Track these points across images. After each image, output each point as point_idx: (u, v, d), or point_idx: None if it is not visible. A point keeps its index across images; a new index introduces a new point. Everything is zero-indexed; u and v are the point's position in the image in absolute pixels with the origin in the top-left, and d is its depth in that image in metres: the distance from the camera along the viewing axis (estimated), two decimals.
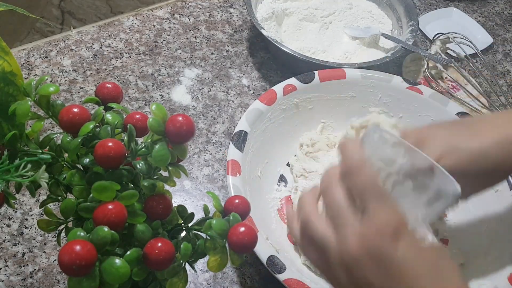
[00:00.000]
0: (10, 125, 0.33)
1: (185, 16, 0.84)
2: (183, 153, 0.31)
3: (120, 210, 0.29)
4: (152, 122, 0.30)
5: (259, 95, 0.69)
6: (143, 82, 0.73)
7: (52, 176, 0.34)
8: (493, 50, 0.89)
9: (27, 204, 0.58)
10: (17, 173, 0.30)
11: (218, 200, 0.34)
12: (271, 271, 0.48)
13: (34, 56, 0.73)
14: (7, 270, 0.53)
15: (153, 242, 0.30)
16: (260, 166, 0.60)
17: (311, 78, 0.65)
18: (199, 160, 0.66)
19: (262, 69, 0.78)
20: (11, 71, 0.34)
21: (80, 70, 0.73)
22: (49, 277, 0.53)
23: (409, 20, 0.80)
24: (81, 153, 0.32)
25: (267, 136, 0.62)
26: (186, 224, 0.35)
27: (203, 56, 0.78)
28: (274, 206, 0.60)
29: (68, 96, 0.69)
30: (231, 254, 0.33)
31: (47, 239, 0.56)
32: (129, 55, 0.76)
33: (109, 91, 0.36)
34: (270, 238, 0.52)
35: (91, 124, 0.31)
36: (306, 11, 0.82)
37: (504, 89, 0.81)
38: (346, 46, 0.80)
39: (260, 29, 0.72)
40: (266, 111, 0.61)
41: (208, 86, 0.74)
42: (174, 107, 0.71)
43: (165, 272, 0.31)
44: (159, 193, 0.33)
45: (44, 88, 0.32)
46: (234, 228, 0.32)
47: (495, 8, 0.98)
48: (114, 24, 0.80)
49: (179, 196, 0.62)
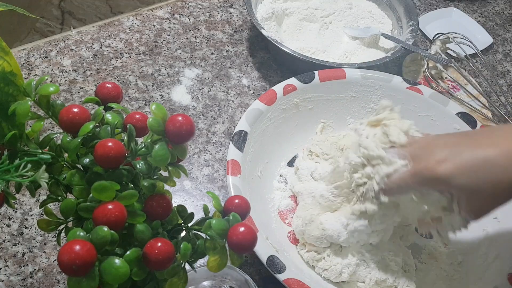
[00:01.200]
0: (10, 125, 0.33)
1: (185, 16, 0.84)
2: (183, 153, 0.31)
3: (120, 210, 0.29)
4: (152, 122, 0.30)
5: (259, 95, 0.69)
6: (143, 82, 0.73)
7: (52, 176, 0.34)
8: (493, 50, 0.89)
9: (27, 204, 0.58)
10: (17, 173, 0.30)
11: (218, 200, 0.34)
12: (271, 271, 0.48)
13: (34, 56, 0.73)
14: (7, 270, 0.53)
15: (153, 242, 0.30)
16: (260, 166, 0.60)
17: (311, 78, 0.65)
18: (199, 160, 0.66)
19: (262, 69, 0.78)
20: (11, 71, 0.34)
21: (80, 70, 0.73)
22: (49, 277, 0.53)
23: (409, 20, 0.80)
24: (81, 153, 0.32)
25: (267, 136, 0.62)
26: (186, 224, 0.35)
27: (203, 56, 0.78)
28: (274, 206, 0.60)
29: (68, 96, 0.69)
30: (231, 254, 0.32)
31: (47, 239, 0.56)
32: (129, 55, 0.76)
33: (109, 91, 0.36)
34: (270, 238, 0.52)
35: (91, 124, 0.31)
36: (306, 11, 0.82)
37: (504, 89, 0.81)
38: (346, 46, 0.80)
39: (260, 29, 0.72)
40: (266, 111, 0.61)
41: (208, 86, 0.74)
42: (174, 107, 0.71)
43: (165, 272, 0.31)
44: (159, 193, 0.33)
45: (44, 88, 0.32)
46: (234, 228, 0.32)
47: (495, 8, 0.98)
48: (114, 24, 0.80)
49: (179, 196, 0.62)
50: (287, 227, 0.59)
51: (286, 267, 0.48)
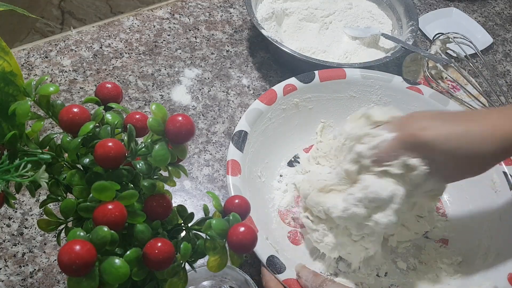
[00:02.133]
0: (10, 125, 0.33)
1: (185, 16, 0.84)
2: (183, 153, 0.31)
3: (120, 210, 0.29)
4: (152, 122, 0.30)
5: (259, 95, 0.69)
6: (143, 82, 0.73)
7: (52, 176, 0.34)
8: (493, 50, 0.89)
9: (27, 204, 0.58)
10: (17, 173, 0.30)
11: (218, 200, 0.34)
12: (271, 271, 0.48)
13: (34, 56, 0.73)
14: (7, 270, 0.53)
15: (153, 242, 0.30)
16: (260, 166, 0.60)
17: (311, 78, 0.65)
18: (199, 160, 0.66)
19: (262, 69, 0.78)
20: (11, 71, 0.34)
21: (80, 70, 0.73)
22: (49, 277, 0.53)
23: (409, 20, 0.80)
24: (81, 153, 0.32)
25: (267, 136, 0.62)
26: (186, 224, 0.35)
27: (203, 56, 0.78)
28: (274, 206, 0.60)
29: (68, 96, 0.69)
30: (231, 254, 0.32)
31: (47, 239, 0.56)
32: (129, 55, 0.76)
33: (109, 91, 0.36)
34: (270, 238, 0.52)
35: (91, 124, 0.31)
36: (306, 11, 0.82)
37: (504, 89, 0.81)
38: (346, 46, 0.80)
39: (260, 29, 0.72)
40: (266, 111, 0.61)
41: (208, 86, 0.74)
42: (174, 107, 0.71)
43: (165, 272, 0.31)
44: (159, 193, 0.33)
45: (44, 88, 0.32)
46: (234, 228, 0.32)
47: (495, 8, 0.98)
48: (114, 24, 0.80)
49: (179, 196, 0.62)
50: (287, 227, 0.59)
51: (286, 267, 0.48)
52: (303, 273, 0.48)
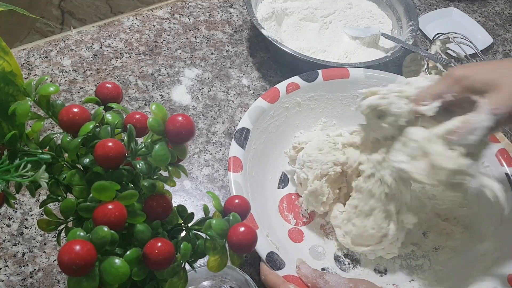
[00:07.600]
0: (10, 125, 0.33)
1: (185, 16, 0.84)
2: (183, 153, 0.31)
3: (120, 210, 0.29)
4: (152, 122, 0.30)
5: (259, 95, 0.69)
6: (143, 82, 0.73)
7: (52, 176, 0.34)
8: (493, 50, 0.89)
9: (27, 204, 0.58)
10: (17, 173, 0.30)
11: (218, 200, 0.34)
12: (270, 268, 0.48)
13: (34, 56, 0.73)
14: (7, 270, 0.53)
15: (153, 242, 0.30)
16: (262, 164, 0.60)
17: (315, 76, 0.65)
18: (199, 160, 0.66)
19: (262, 69, 0.78)
20: (11, 71, 0.33)
21: (80, 70, 0.73)
22: (49, 277, 0.53)
23: (409, 20, 0.80)
24: (81, 153, 0.32)
25: (269, 134, 0.62)
26: (186, 224, 0.35)
27: (203, 56, 0.78)
28: (275, 204, 0.60)
29: (68, 96, 0.69)
30: (231, 254, 0.32)
31: (47, 239, 0.56)
32: (129, 55, 0.76)
33: (109, 91, 0.36)
34: (270, 235, 0.52)
35: (91, 124, 0.31)
36: (306, 11, 0.82)
37: None
38: (346, 46, 0.80)
39: (260, 29, 0.72)
40: (269, 109, 0.61)
41: (208, 86, 0.74)
42: (174, 107, 0.71)
43: (165, 272, 0.31)
44: (159, 193, 0.33)
45: (44, 88, 0.32)
46: (234, 228, 0.32)
47: (495, 8, 0.98)
48: (114, 24, 0.80)
49: (179, 196, 0.62)
50: (287, 225, 0.59)
51: (286, 264, 0.48)
52: (303, 265, 0.49)
